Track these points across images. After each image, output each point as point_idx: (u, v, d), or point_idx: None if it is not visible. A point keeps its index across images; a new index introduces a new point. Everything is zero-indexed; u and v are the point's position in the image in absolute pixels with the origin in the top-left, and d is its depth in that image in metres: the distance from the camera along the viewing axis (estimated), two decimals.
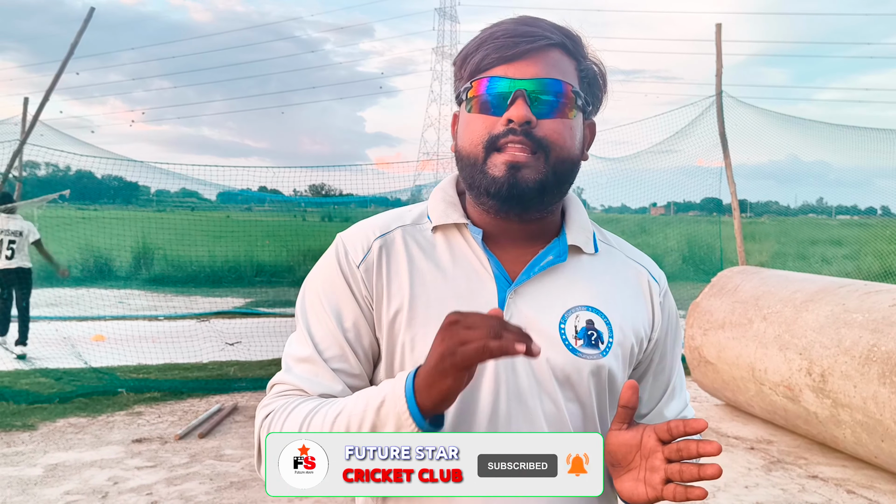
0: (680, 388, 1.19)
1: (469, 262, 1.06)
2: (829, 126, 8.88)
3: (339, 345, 1.04)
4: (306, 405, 0.97)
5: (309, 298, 1.08)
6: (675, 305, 1.19)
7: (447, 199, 1.11)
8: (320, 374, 1.02)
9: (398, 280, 1.04)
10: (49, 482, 4.11)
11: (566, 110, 1.01)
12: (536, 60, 1.00)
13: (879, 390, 4.00)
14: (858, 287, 4.77)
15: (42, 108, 6.93)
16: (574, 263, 1.09)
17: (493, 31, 1.02)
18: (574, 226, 1.11)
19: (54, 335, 7.98)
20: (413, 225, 1.10)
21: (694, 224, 14.26)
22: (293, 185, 12.89)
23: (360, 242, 1.08)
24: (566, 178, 1.04)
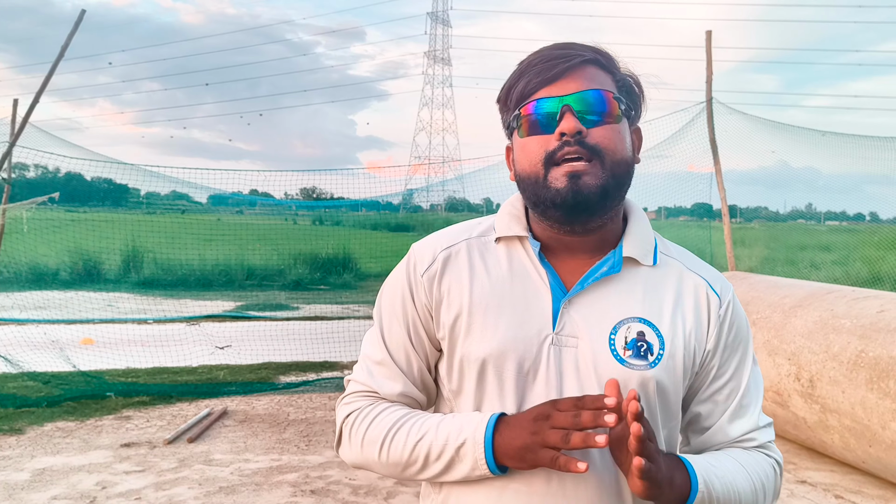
0: (749, 408, 1.16)
1: (527, 273, 1.12)
2: (819, 132, 8.94)
3: (406, 351, 1.17)
4: (391, 415, 1.13)
5: (384, 304, 1.21)
6: (743, 321, 1.18)
7: (513, 212, 1.18)
8: (391, 375, 1.17)
9: (458, 288, 1.13)
10: (36, 487, 4.08)
11: (612, 116, 1.07)
12: (576, 77, 1.06)
13: (867, 396, 4.03)
14: (847, 293, 4.80)
15: (32, 110, 6.89)
16: (630, 275, 1.12)
17: (530, 61, 1.09)
18: (632, 238, 1.14)
19: (42, 338, 7.92)
20: (479, 237, 1.18)
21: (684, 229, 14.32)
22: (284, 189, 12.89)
23: (428, 253, 1.18)
24: (624, 181, 1.09)
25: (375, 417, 1.13)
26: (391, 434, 1.10)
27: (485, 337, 1.09)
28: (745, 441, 1.15)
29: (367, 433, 1.12)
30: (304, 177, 10.62)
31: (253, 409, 5.85)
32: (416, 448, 1.07)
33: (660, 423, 1.10)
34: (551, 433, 0.96)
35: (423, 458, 1.07)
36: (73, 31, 6.67)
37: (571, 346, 1.07)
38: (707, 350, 1.13)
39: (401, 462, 1.09)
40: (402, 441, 1.09)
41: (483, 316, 1.10)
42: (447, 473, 1.06)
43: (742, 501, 1.08)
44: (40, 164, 8.84)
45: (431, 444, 1.06)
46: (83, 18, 6.76)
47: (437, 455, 1.06)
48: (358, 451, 1.15)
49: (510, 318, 1.09)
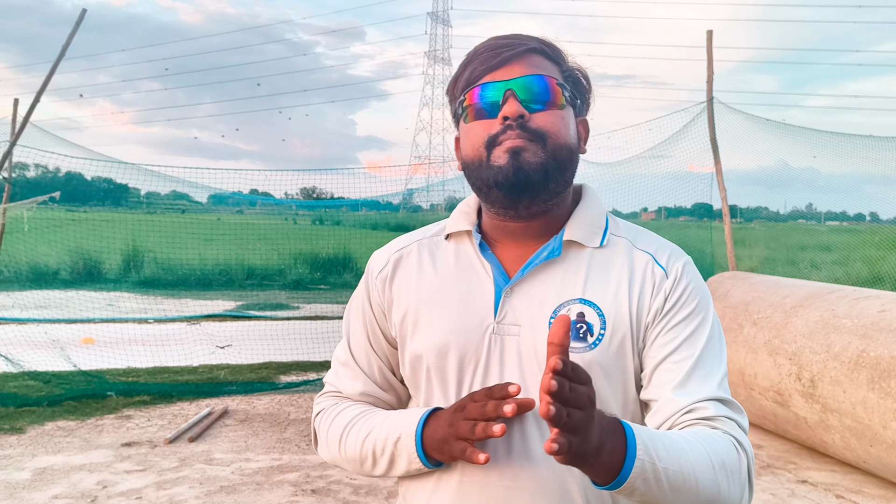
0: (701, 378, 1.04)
1: (472, 266, 1.14)
2: (819, 132, 8.94)
3: (367, 352, 1.21)
4: (346, 415, 1.17)
5: (351, 309, 1.26)
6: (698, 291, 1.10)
7: (464, 209, 1.20)
8: (355, 376, 1.21)
9: (407, 287, 1.17)
10: (37, 486, 4.08)
11: (555, 103, 1.08)
12: (520, 64, 1.07)
13: (868, 395, 4.03)
14: (847, 293, 4.80)
15: (33, 110, 6.89)
16: (573, 258, 1.11)
17: (476, 50, 1.11)
18: (576, 222, 1.13)
19: (43, 338, 7.92)
20: (432, 237, 1.21)
21: (684, 229, 14.31)
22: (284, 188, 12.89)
23: (383, 257, 1.22)
24: (566, 165, 1.09)
25: (337, 416, 1.18)
26: (346, 431, 1.15)
27: (428, 331, 1.11)
28: (697, 410, 1.01)
29: (330, 431, 1.18)
30: (303, 176, 10.63)
31: (254, 409, 5.85)
32: (364, 444, 1.11)
33: (613, 406, 1.06)
34: (462, 424, 0.98)
35: (371, 455, 1.11)
36: (73, 31, 6.67)
37: (513, 334, 1.07)
38: (647, 322, 1.07)
39: (356, 458, 1.13)
40: (354, 438, 1.13)
41: (428, 312, 1.12)
42: (392, 468, 1.10)
43: (696, 477, 0.92)
44: (41, 164, 8.85)
45: (376, 441, 1.10)
46: (84, 18, 6.76)
47: (381, 451, 1.09)
48: (325, 448, 1.20)
49: (454, 312, 1.10)
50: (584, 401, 0.82)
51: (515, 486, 1.04)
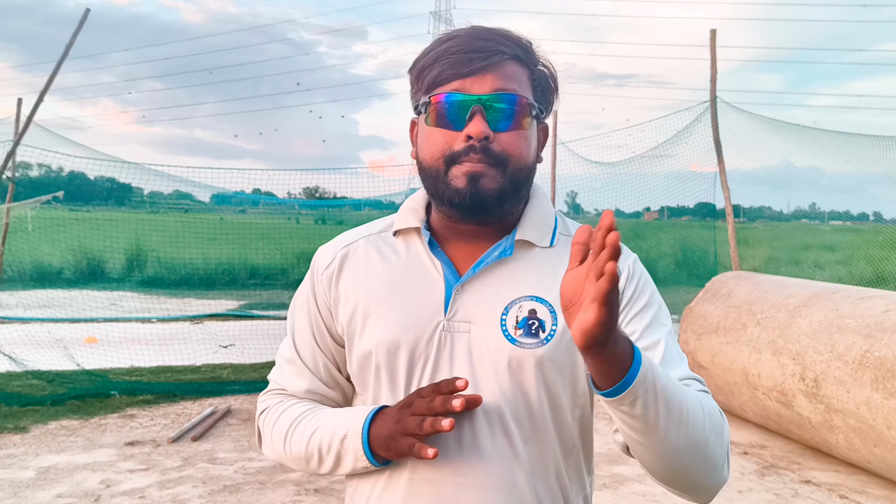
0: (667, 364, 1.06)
1: (421, 263, 1.13)
2: (822, 132, 8.93)
3: (312, 349, 1.19)
4: (291, 413, 1.16)
5: (296, 305, 1.23)
6: (646, 288, 1.12)
7: (412, 205, 1.19)
8: (299, 373, 1.19)
9: (354, 284, 1.15)
10: (41, 485, 4.08)
11: (521, 121, 1.06)
12: (492, 74, 1.05)
13: (872, 396, 4.02)
14: (851, 293, 4.79)
15: (36, 109, 6.90)
16: (523, 257, 1.12)
17: (448, 46, 1.07)
18: (527, 222, 1.14)
19: (46, 337, 7.93)
20: (379, 233, 1.20)
21: (687, 229, 14.30)
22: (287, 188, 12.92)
23: (329, 254, 1.20)
24: (522, 185, 1.10)
25: (281, 414, 1.17)
26: (292, 429, 1.13)
27: (377, 328, 1.10)
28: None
29: (275, 429, 1.17)
30: (306, 176, 10.64)
31: (256, 408, 5.85)
32: (310, 443, 1.10)
33: (562, 399, 1.07)
34: (410, 420, 0.98)
35: (317, 453, 1.10)
36: (77, 30, 6.68)
37: (464, 331, 1.07)
38: None
39: (301, 456, 1.12)
40: (300, 436, 1.12)
41: (377, 309, 1.11)
42: (339, 466, 1.09)
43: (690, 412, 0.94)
44: (44, 164, 8.88)
45: (322, 439, 1.09)
46: (87, 17, 6.76)
47: (327, 448, 1.08)
48: (270, 446, 1.18)
49: (403, 308, 1.09)
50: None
51: (465, 482, 1.04)
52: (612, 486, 4.23)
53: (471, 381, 1.05)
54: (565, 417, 1.09)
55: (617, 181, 10.33)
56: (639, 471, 4.48)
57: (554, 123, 9.81)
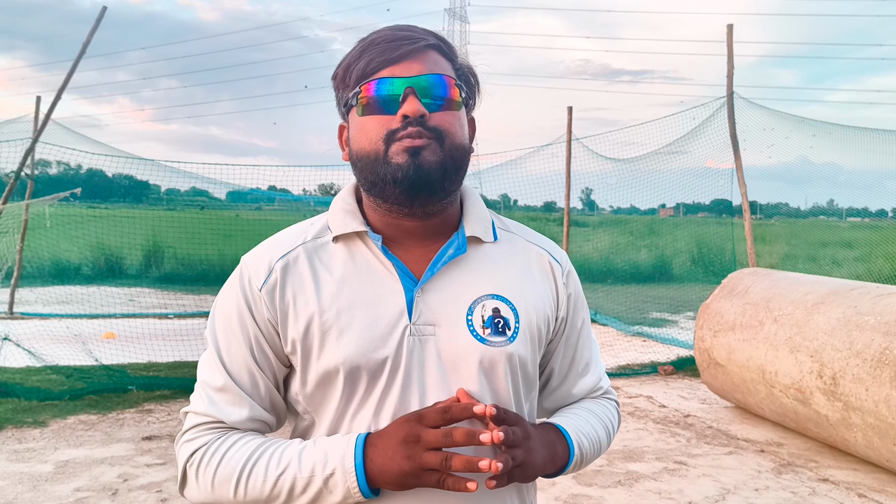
0: (592, 366, 1.25)
1: (373, 269, 1.09)
2: (840, 127, 8.84)
3: (250, 371, 1.08)
4: (243, 448, 1.04)
5: (219, 323, 1.11)
6: (579, 284, 1.24)
7: (346, 207, 1.14)
8: (235, 401, 1.07)
9: (304, 297, 1.07)
10: (59, 479, 4.13)
11: (453, 102, 1.08)
12: (419, 60, 1.06)
13: (892, 394, 3.98)
14: (870, 289, 4.74)
15: (54, 107, 6.97)
16: (476, 254, 1.13)
17: (372, 39, 1.07)
18: (471, 217, 1.15)
19: (65, 332, 8.02)
20: (315, 239, 1.12)
21: (703, 226, 14.20)
22: (302, 185, 12.95)
23: (263, 265, 1.10)
24: (461, 165, 1.09)
25: (226, 452, 1.04)
26: (247, 469, 1.02)
27: (340, 343, 1.03)
28: (594, 392, 1.27)
29: (219, 471, 1.03)
30: (321, 172, 10.67)
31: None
32: (277, 483, 1.00)
33: (522, 396, 1.12)
34: (428, 456, 0.94)
35: (286, 493, 1.00)
36: (94, 29, 6.73)
37: (430, 333, 1.05)
38: (559, 317, 1.18)
39: (261, 498, 1.01)
40: (260, 476, 1.01)
41: (335, 322, 1.04)
42: None
43: (601, 448, 1.21)
44: (62, 161, 8.95)
45: (296, 478, 0.99)
46: (104, 16, 6.82)
47: (302, 488, 0.99)
48: (208, 492, 1.05)
49: (364, 318, 1.04)
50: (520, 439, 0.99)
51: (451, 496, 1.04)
52: (627, 484, 4.22)
53: (442, 383, 1.04)
54: (522, 413, 1.12)
55: (632, 178, 10.29)
56: (654, 468, 4.46)
57: (569, 120, 9.77)
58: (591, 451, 1.17)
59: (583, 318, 1.23)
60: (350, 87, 1.08)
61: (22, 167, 7.08)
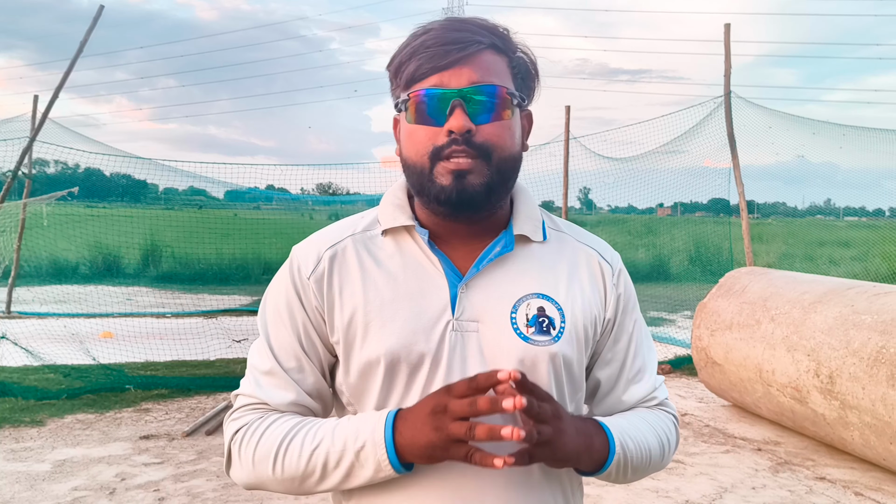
0: (645, 373, 1.19)
1: (419, 263, 1.09)
2: (838, 127, 8.85)
3: (297, 356, 1.10)
4: (281, 426, 1.05)
5: (269, 311, 1.14)
6: (632, 287, 1.20)
7: (396, 202, 1.14)
8: (281, 384, 1.09)
9: (350, 287, 1.08)
10: (57, 478, 4.13)
11: (503, 112, 1.05)
12: (469, 66, 1.03)
13: (888, 392, 3.99)
14: (867, 288, 4.75)
15: (51, 106, 6.96)
16: (523, 253, 1.11)
17: (423, 40, 1.04)
18: (521, 216, 1.13)
19: (63, 332, 8.01)
20: (364, 232, 1.14)
21: (701, 225, 14.22)
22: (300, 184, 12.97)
23: (312, 255, 1.12)
24: (510, 176, 1.08)
25: (266, 430, 1.05)
26: (284, 446, 1.03)
27: (383, 334, 1.04)
28: (648, 401, 1.19)
29: (258, 448, 1.05)
30: (319, 172, 10.69)
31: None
32: (312, 458, 1.01)
33: (566, 396, 1.09)
34: (455, 426, 0.92)
35: (321, 468, 1.01)
36: (91, 27, 6.73)
37: (473, 330, 1.05)
38: (607, 318, 1.14)
39: (297, 475, 1.02)
40: (296, 452, 1.02)
41: (379, 313, 1.05)
42: (348, 480, 1.01)
43: (651, 458, 1.13)
44: (60, 160, 8.93)
45: (329, 452, 1.00)
46: (101, 14, 6.81)
47: (335, 462, 1.00)
48: (250, 469, 1.06)
49: (407, 311, 1.05)
50: (549, 416, 0.96)
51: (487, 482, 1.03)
52: None
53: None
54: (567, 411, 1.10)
55: (630, 177, 10.30)
56: None
57: (567, 119, 9.78)
58: (639, 457, 1.10)
59: (634, 321, 1.19)
60: (400, 87, 1.08)
61: (19, 166, 7.06)
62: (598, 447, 1.05)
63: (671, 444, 1.18)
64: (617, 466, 1.07)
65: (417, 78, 1.04)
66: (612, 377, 1.17)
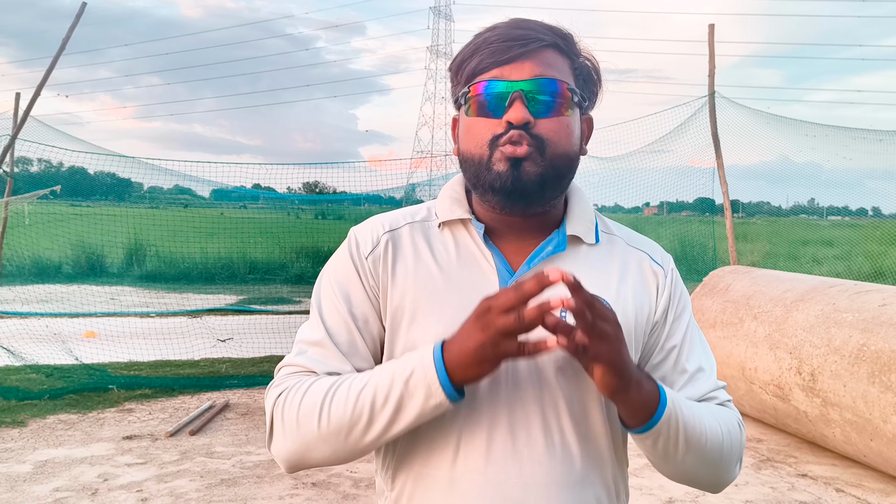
0: (704, 372, 1.14)
1: (472, 256, 1.10)
2: (821, 127, 8.92)
3: (349, 330, 1.09)
4: (326, 380, 1.02)
5: (324, 287, 1.14)
6: (684, 290, 1.18)
7: (454, 195, 1.15)
8: (330, 356, 1.07)
9: (404, 272, 1.09)
10: (39, 479, 4.09)
11: (563, 109, 1.04)
12: (531, 62, 1.03)
13: (869, 389, 4.03)
14: (848, 287, 4.79)
15: (34, 103, 6.90)
16: (574, 253, 1.11)
17: (487, 37, 1.05)
18: (574, 217, 1.13)
19: (45, 331, 7.94)
20: (422, 221, 1.15)
21: (686, 224, 14.29)
22: (287, 183, 12.90)
23: (370, 236, 1.13)
24: (565, 173, 1.07)
25: (310, 387, 1.02)
26: (330, 394, 0.99)
27: (430, 322, 1.05)
28: (712, 399, 1.14)
29: (303, 404, 1.00)
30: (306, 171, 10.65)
31: (255, 402, 5.86)
32: (359, 399, 0.97)
33: None
34: (502, 318, 0.89)
35: (369, 408, 0.97)
36: (74, 24, 6.67)
37: None
38: (656, 320, 1.13)
39: (344, 423, 0.98)
40: (343, 398, 0.98)
41: (428, 301, 1.07)
42: (398, 417, 0.96)
43: (708, 440, 1.04)
44: (43, 158, 8.84)
45: (377, 388, 0.97)
46: (84, 11, 6.75)
47: (384, 398, 0.96)
48: (294, 430, 1.01)
49: (457, 302, 1.05)
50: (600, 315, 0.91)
51: (531, 482, 1.02)
52: None
53: (531, 378, 1.04)
54: (612, 412, 1.07)
55: (616, 176, 10.33)
56: (635, 464, 4.49)
57: None
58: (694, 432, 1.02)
59: (686, 322, 1.16)
60: (461, 83, 1.08)
61: (0, 164, 6.99)
62: (649, 390, 0.98)
63: (733, 437, 1.10)
64: (668, 426, 0.99)
65: (478, 72, 1.05)
66: (664, 378, 1.13)
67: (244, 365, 7.21)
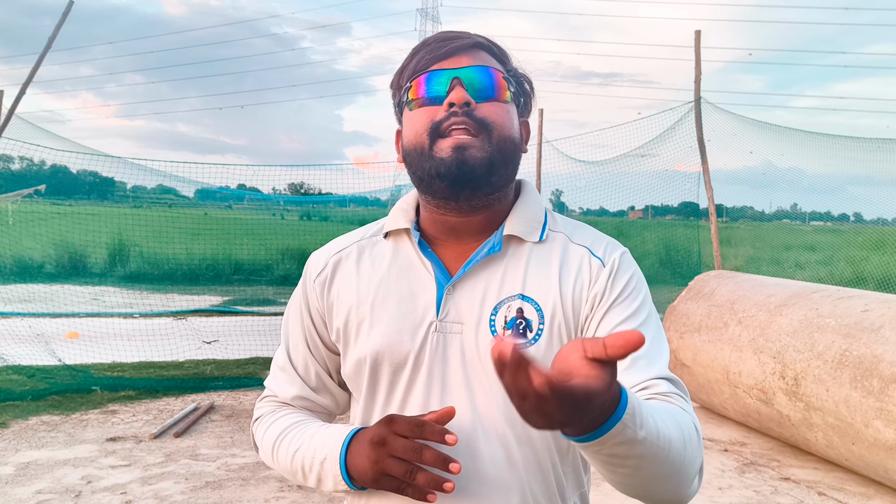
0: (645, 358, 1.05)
1: (412, 265, 1.12)
2: (804, 133, 9.01)
3: (303, 355, 1.19)
4: (279, 425, 1.15)
5: (289, 312, 1.23)
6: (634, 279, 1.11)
7: (403, 206, 1.18)
8: (291, 381, 1.19)
9: (347, 290, 1.14)
10: (21, 481, 4.05)
11: (501, 94, 1.07)
12: (467, 56, 1.08)
13: (851, 394, 4.07)
14: (831, 292, 4.85)
15: (18, 102, 6.83)
16: (514, 253, 1.10)
17: (423, 41, 1.11)
18: (516, 216, 1.12)
19: (27, 332, 7.85)
20: (371, 237, 1.19)
21: (671, 228, 14.39)
22: (272, 184, 12.84)
23: (321, 260, 1.20)
24: (510, 159, 1.08)
25: (271, 425, 1.16)
26: (278, 442, 1.13)
27: (371, 334, 1.09)
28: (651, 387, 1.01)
29: (264, 439, 1.16)
30: (291, 172, 10.61)
31: (240, 404, 5.83)
32: (293, 460, 1.09)
33: None
34: (391, 463, 0.95)
35: (300, 470, 1.09)
36: (60, 22, 6.61)
37: (456, 332, 1.06)
38: (587, 313, 1.08)
39: (288, 470, 1.12)
40: (285, 451, 1.11)
41: (370, 314, 1.10)
42: (322, 486, 1.06)
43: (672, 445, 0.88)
44: (26, 157, 8.76)
45: (304, 458, 1.08)
46: (70, 9, 6.70)
47: (308, 468, 1.07)
48: (263, 454, 1.18)
49: (394, 312, 1.09)
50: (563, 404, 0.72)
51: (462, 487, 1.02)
52: (595, 483, 4.25)
53: (464, 382, 1.05)
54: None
55: (601, 180, 10.38)
56: None
57: (539, 122, 9.83)
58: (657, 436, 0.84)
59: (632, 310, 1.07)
60: (402, 86, 1.11)
61: None
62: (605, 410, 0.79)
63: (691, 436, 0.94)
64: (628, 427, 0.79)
65: (418, 70, 1.08)
66: None
67: (229, 366, 7.17)
